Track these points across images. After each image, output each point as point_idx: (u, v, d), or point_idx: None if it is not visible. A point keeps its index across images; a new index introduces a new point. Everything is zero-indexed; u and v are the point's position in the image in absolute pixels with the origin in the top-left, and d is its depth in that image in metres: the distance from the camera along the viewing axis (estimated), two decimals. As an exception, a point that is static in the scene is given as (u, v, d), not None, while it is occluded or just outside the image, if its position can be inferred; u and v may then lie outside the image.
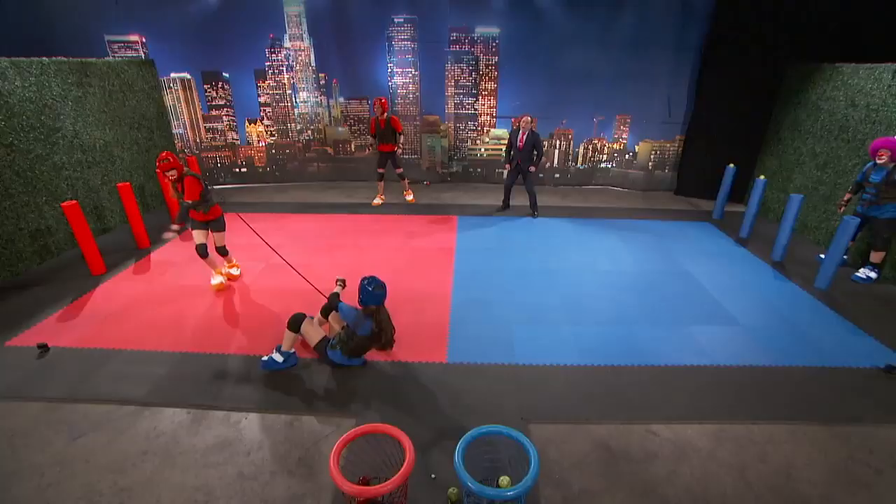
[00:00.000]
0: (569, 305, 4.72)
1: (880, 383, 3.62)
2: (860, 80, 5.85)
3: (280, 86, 8.30)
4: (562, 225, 7.02)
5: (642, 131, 8.67)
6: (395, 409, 3.31)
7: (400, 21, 7.96)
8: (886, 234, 5.07)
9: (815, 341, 4.18)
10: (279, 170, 8.93)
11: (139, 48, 7.76)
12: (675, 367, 3.81)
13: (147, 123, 7.36)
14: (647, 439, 3.08)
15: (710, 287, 5.15)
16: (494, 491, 2.24)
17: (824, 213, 6.26)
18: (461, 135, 8.84)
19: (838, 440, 3.06)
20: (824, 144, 6.37)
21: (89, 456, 2.91)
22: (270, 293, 4.93)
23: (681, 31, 7.77)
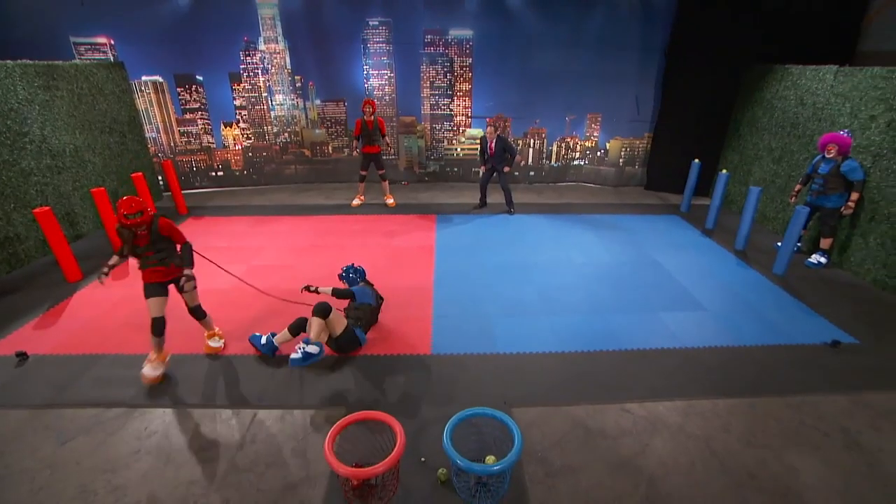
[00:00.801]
0: (545, 297, 4.93)
1: (827, 357, 3.95)
2: (807, 80, 6.27)
3: (255, 88, 8.28)
4: (537, 221, 7.25)
5: (613, 129, 9.00)
6: (383, 399, 3.43)
7: (375, 23, 8.06)
8: (833, 222, 5.46)
9: (772, 322, 4.49)
10: (256, 173, 8.89)
11: (107, 50, 7.63)
12: (647, 350, 4.05)
13: (119, 127, 7.24)
14: (622, 417, 3.29)
15: (678, 276, 5.44)
16: (481, 466, 2.39)
17: (780, 204, 6.67)
18: (437, 135, 8.99)
19: (791, 409, 3.34)
20: (779, 140, 6.78)
21: (80, 458, 2.93)
22: (252, 294, 4.96)
23: (646, 34, 8.14)
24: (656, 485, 2.77)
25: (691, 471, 2.86)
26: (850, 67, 5.69)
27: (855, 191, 5.15)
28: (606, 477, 2.82)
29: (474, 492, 2.59)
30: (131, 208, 3.34)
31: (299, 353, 3.53)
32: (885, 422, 3.24)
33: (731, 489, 2.74)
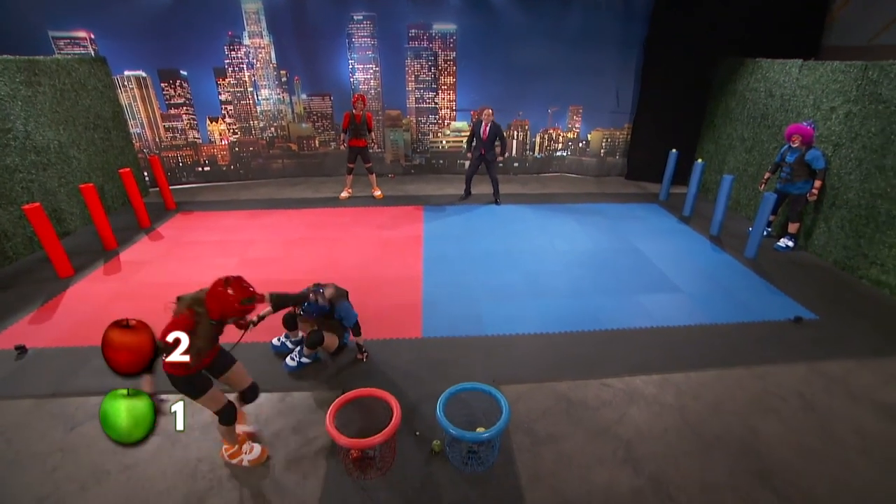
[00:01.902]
0: (531, 282, 5.16)
1: (790, 331, 4.28)
2: (775, 73, 6.57)
3: (241, 83, 8.31)
4: (522, 211, 7.48)
5: (594, 121, 9.24)
6: (378, 380, 3.60)
7: (359, 18, 8.14)
8: (799, 208, 5.79)
9: (742, 301, 4.79)
10: (243, 167, 8.93)
11: (87, 45, 7.55)
12: (626, 329, 4.30)
13: (103, 123, 7.21)
14: (602, 390, 3.54)
15: (657, 260, 5.72)
16: (472, 434, 2.61)
17: (752, 192, 6.99)
18: (423, 128, 9.13)
19: (755, 379, 3.64)
20: (750, 130, 7.10)
21: (90, 442, 3.06)
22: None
23: (626, 27, 8.37)
24: (633, 449, 3.02)
25: (664, 436, 3.12)
26: (813, 61, 6.01)
27: (818, 178, 5.46)
28: (587, 443, 3.06)
29: (466, 460, 2.81)
30: (246, 291, 2.66)
31: (294, 362, 3.75)
32: (836, 387, 3.56)
33: (701, 450, 3.01)
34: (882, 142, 4.95)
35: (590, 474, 2.85)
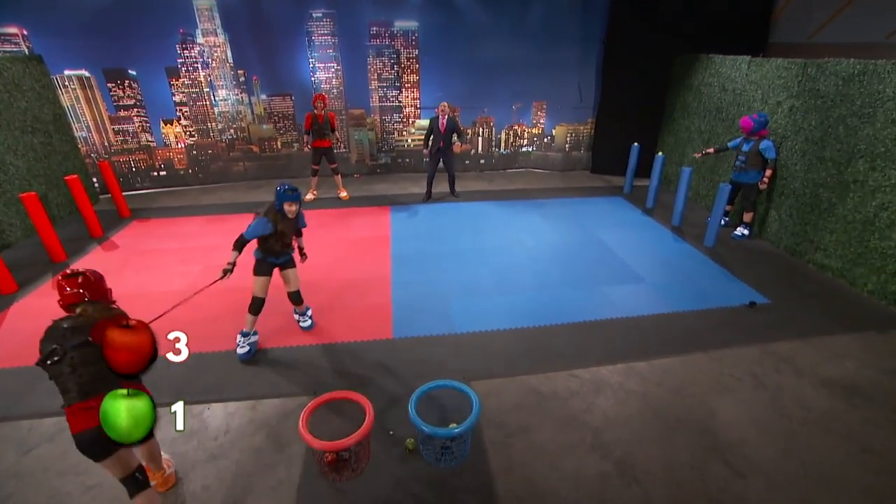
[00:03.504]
0: (498, 278, 5.23)
1: (745, 316, 4.52)
2: (727, 68, 6.87)
3: (196, 83, 8.02)
4: (489, 207, 7.55)
5: (558, 116, 9.41)
6: (350, 384, 3.59)
7: (318, 16, 7.99)
8: (753, 197, 6.08)
9: (701, 289, 5.02)
10: (202, 171, 8.64)
11: (20, 42, 7.10)
12: (592, 321, 4.43)
13: (42, 127, 6.78)
14: (570, 381, 3.64)
15: (621, 252, 5.90)
16: (444, 430, 2.64)
17: (711, 183, 7.29)
18: (387, 127, 9.07)
19: (713, 362, 3.83)
20: (707, 123, 7.39)
21: (47, 465, 2.93)
22: (212, 292, 4.93)
23: (585, 23, 8.53)
24: (600, 435, 3.13)
25: (630, 421, 3.25)
26: (760, 58, 6.31)
27: (769, 167, 5.75)
28: (557, 432, 3.15)
29: (440, 456, 2.84)
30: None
31: (246, 346, 3.90)
32: (785, 365, 3.79)
33: (663, 433, 3.15)
34: (821, 134, 5.27)
35: (559, 462, 2.94)
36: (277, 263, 4.01)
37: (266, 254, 3.90)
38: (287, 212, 3.78)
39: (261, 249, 3.89)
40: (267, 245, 3.84)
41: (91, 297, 2.50)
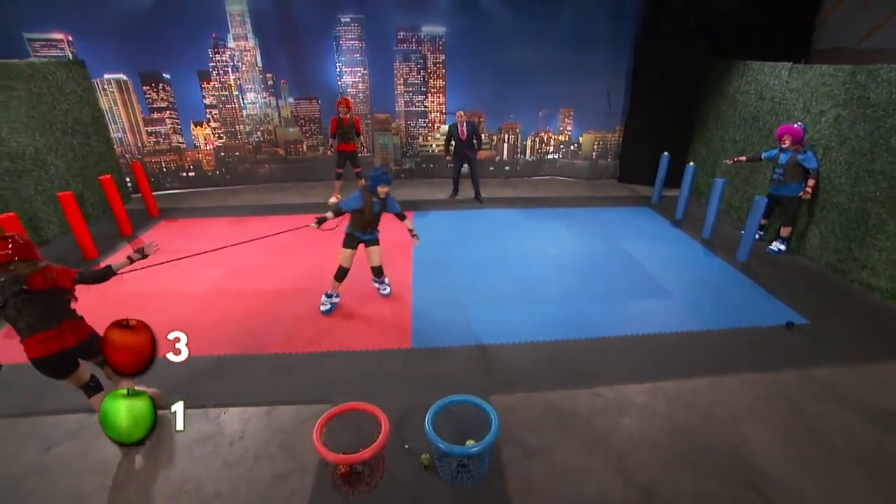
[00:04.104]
0: (521, 288, 5.11)
1: (781, 337, 4.26)
2: (765, 76, 6.59)
3: (226, 87, 8.18)
4: (513, 215, 7.43)
5: (585, 123, 9.23)
6: (366, 393, 3.52)
7: (347, 21, 8.05)
8: (792, 211, 5.79)
9: (733, 306, 4.78)
10: (229, 172, 8.80)
11: (65, 47, 7.38)
12: (617, 337, 4.27)
13: (82, 128, 7.04)
14: (593, 400, 3.49)
15: (648, 265, 5.70)
16: (461, 448, 2.55)
17: (745, 195, 7.00)
18: (412, 132, 9.06)
19: (746, 385, 3.62)
20: (742, 133, 7.11)
21: (69, 462, 2.97)
22: (233, 295, 4.99)
23: (616, 28, 8.35)
24: (625, 459, 2.98)
25: (656, 444, 3.09)
26: (802, 65, 6.03)
27: (811, 178, 5.46)
28: (579, 454, 3.02)
29: (456, 474, 2.75)
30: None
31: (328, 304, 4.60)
32: (826, 393, 3.55)
33: (692, 459, 2.98)
34: (870, 146, 4.97)
35: (581, 486, 2.81)
36: (363, 240, 4.65)
37: (354, 229, 4.57)
38: (379, 192, 4.35)
39: (351, 225, 4.58)
40: (356, 221, 4.50)
41: (20, 257, 2.76)
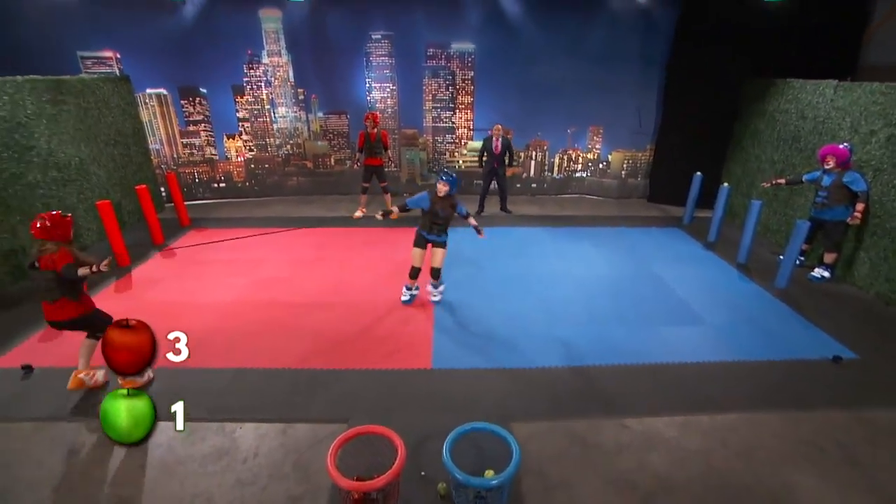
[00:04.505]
0: (546, 310, 4.96)
1: (828, 373, 3.96)
2: (807, 94, 6.32)
3: (258, 101, 8.40)
4: (539, 233, 7.29)
5: (615, 141, 9.06)
6: (384, 414, 3.44)
7: (378, 37, 8.19)
8: (837, 237, 5.46)
9: (773, 337, 4.50)
10: (258, 184, 8.99)
11: (113, 64, 7.74)
12: (646, 365, 4.06)
13: (123, 140, 7.34)
14: (620, 432, 3.30)
15: (679, 289, 5.46)
16: (479, 480, 2.42)
17: (783, 217, 6.69)
18: (439, 147, 9.08)
19: (789, 424, 3.35)
20: (781, 153, 6.82)
21: (86, 470, 2.97)
22: (256, 306, 5.01)
23: (647, 46, 8.22)
24: (652, 501, 2.78)
25: (688, 486, 2.87)
26: (849, 82, 5.75)
27: (861, 201, 5.13)
28: (603, 491, 2.83)
29: (473, 507, 2.61)
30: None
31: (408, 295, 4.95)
32: (884, 438, 3.24)
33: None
34: (926, 168, 4.66)
35: (606, 529, 2.63)
36: (429, 240, 4.84)
37: (422, 228, 4.80)
38: (438, 190, 4.57)
39: (420, 224, 4.81)
40: (424, 220, 4.76)
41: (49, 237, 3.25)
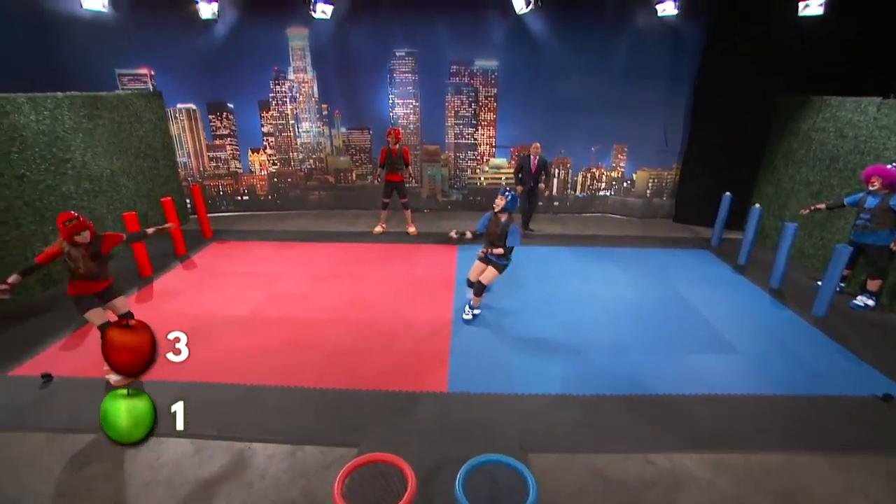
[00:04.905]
0: (568, 334, 4.77)
1: (878, 412, 3.65)
2: (847, 112, 6.04)
3: (283, 116, 8.55)
4: (561, 253, 7.10)
5: (640, 160, 8.85)
6: (396, 438, 3.32)
7: (401, 54, 8.26)
8: (882, 262, 5.12)
9: (812, 369, 4.21)
10: (281, 198, 9.09)
11: (147, 81, 8.00)
12: (673, 396, 3.83)
13: (152, 153, 7.53)
14: (645, 469, 3.09)
15: (708, 315, 5.20)
16: (493, 522, 2.26)
17: (820, 241, 6.36)
18: (461, 164, 9.04)
19: (836, 469, 3.07)
20: (817, 173, 6.52)
21: (92, 485, 2.93)
22: (272, 321, 4.98)
23: (675, 63, 8.03)
24: (684, 550, 2.56)
25: (723, 536, 2.64)
26: (894, 100, 5.47)
27: None
28: (629, 538, 2.63)
29: (486, 547, 2.44)
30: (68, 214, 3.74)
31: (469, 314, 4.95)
32: (944, 490, 2.94)
33: (768, 560, 2.51)
34: (981, 193, 4.35)
35: (631, 579, 2.42)
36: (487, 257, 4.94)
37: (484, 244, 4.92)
38: (495, 204, 4.71)
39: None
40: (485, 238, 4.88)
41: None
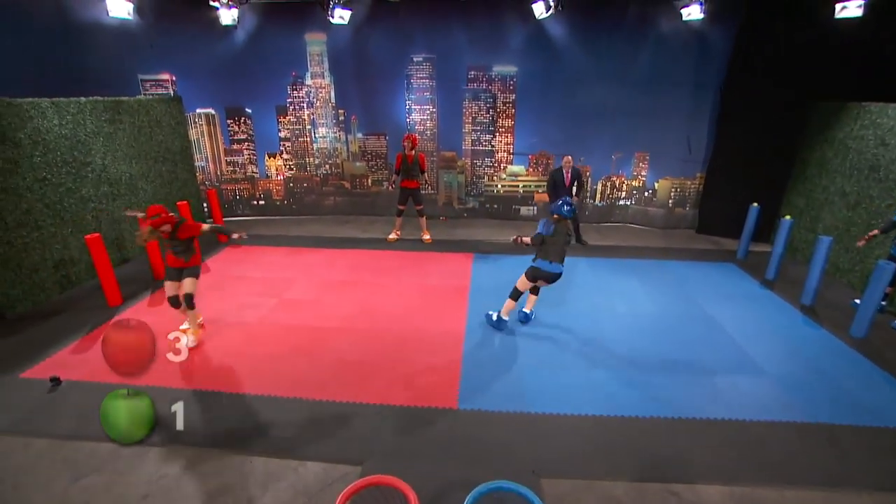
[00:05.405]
0: (584, 350, 4.56)
1: (926, 447, 3.35)
2: (890, 119, 5.71)
3: (300, 121, 8.56)
4: (579, 264, 6.87)
5: (662, 169, 8.60)
6: (402, 457, 3.18)
7: (419, 60, 8.19)
8: (926, 281, 4.80)
9: (852, 396, 3.91)
10: (296, 203, 9.09)
11: (169, 86, 8.12)
12: (698, 420, 3.60)
13: (171, 157, 7.60)
14: (667, 500, 2.87)
15: (735, 333, 4.93)
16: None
17: (857, 256, 6.01)
18: (478, 171, 8.90)
19: (881, 512, 2.81)
20: (854, 184, 6.19)
21: (90, 498, 2.86)
22: (281, 328, 4.90)
23: (700, 69, 7.80)
24: None
25: (754, 582, 2.41)
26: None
27: None
28: (650, 580, 2.42)
29: (493, 585, 2.27)
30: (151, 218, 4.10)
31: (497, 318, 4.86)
32: None
33: None
34: None
35: None
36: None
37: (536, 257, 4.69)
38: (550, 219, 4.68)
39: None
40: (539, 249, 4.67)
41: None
